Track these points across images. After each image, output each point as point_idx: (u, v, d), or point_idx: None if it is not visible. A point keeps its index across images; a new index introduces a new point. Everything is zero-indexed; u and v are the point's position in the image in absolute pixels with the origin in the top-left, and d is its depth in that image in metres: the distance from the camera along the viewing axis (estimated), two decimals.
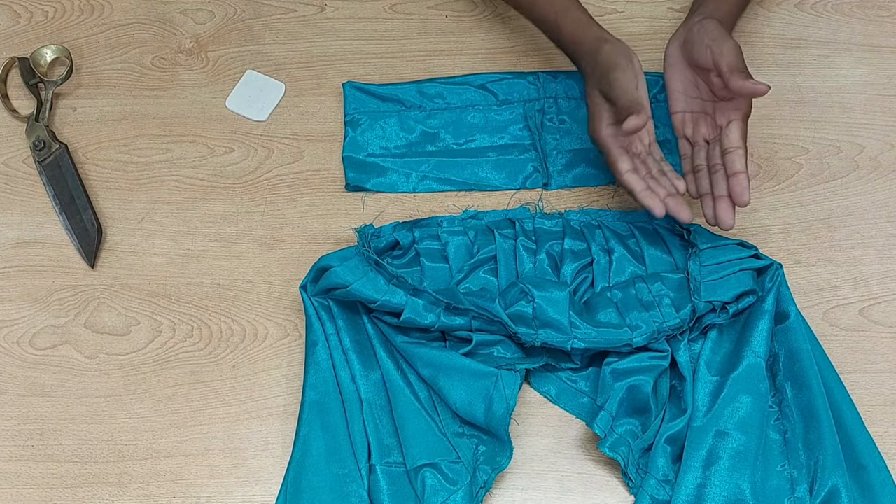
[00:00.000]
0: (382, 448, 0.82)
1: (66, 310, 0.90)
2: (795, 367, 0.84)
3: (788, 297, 0.87)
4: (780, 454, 0.82)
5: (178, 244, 0.93)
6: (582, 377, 0.87)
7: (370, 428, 0.82)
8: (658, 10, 1.05)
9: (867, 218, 0.95)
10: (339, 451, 0.82)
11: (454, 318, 0.84)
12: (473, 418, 0.82)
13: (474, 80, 1.00)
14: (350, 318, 0.86)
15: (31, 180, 0.96)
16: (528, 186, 0.96)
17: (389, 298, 0.84)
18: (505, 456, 0.82)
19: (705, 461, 0.80)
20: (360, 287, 0.84)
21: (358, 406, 0.83)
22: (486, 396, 0.81)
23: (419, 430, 0.82)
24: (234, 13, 1.05)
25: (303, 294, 0.87)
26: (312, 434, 0.82)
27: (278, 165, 0.97)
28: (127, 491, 0.83)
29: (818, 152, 0.98)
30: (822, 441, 0.81)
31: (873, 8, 1.05)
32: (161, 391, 0.87)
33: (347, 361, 0.85)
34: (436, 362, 0.83)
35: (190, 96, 1.00)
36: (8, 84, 1.00)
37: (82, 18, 1.04)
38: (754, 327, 0.84)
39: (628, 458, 0.81)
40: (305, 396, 0.84)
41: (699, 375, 0.84)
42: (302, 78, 1.01)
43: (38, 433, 0.85)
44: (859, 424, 0.83)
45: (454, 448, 0.81)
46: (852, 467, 0.81)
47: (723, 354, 0.85)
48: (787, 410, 0.83)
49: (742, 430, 0.81)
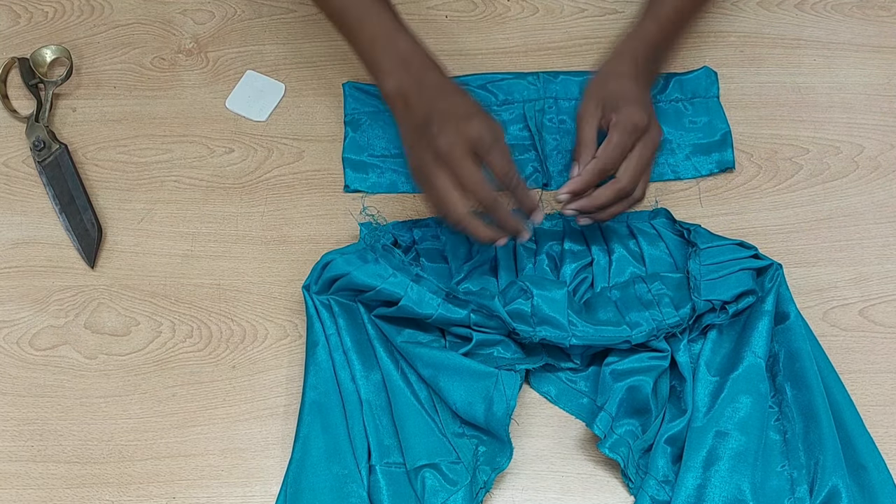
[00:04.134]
0: (382, 448, 0.82)
1: (66, 310, 0.90)
2: (795, 368, 0.84)
3: (788, 298, 0.87)
4: (780, 455, 0.82)
5: (178, 244, 0.93)
6: (582, 378, 0.87)
7: (370, 428, 0.82)
8: None
9: (867, 218, 0.95)
10: (339, 452, 0.82)
11: (453, 310, 0.84)
12: (473, 419, 0.82)
13: (474, 80, 1.00)
14: (351, 318, 0.86)
15: (31, 181, 0.96)
16: (528, 187, 0.96)
17: (389, 286, 0.83)
18: (505, 456, 0.82)
19: (705, 462, 0.80)
20: (360, 274, 0.84)
21: (358, 406, 0.83)
22: (487, 397, 0.81)
23: (419, 431, 0.82)
24: (234, 13, 1.05)
25: (305, 294, 0.87)
26: (312, 434, 0.82)
27: (278, 166, 0.97)
28: (127, 491, 0.83)
29: (818, 152, 0.98)
30: (823, 441, 0.80)
31: (873, 8, 1.05)
32: (161, 392, 0.87)
33: (348, 361, 0.85)
34: (436, 362, 0.83)
35: (190, 96, 1.00)
36: (8, 84, 1.00)
37: (82, 19, 1.04)
38: (754, 328, 0.84)
39: (628, 459, 0.81)
40: (305, 396, 0.84)
41: (699, 376, 0.84)
42: (302, 78, 1.01)
43: (37, 434, 0.85)
44: (859, 425, 0.83)
45: (454, 448, 0.81)
46: (852, 468, 0.81)
47: (723, 355, 0.85)
48: (787, 411, 0.83)
49: (742, 431, 0.81)
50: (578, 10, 1.05)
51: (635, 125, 0.83)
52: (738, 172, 0.97)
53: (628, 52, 0.89)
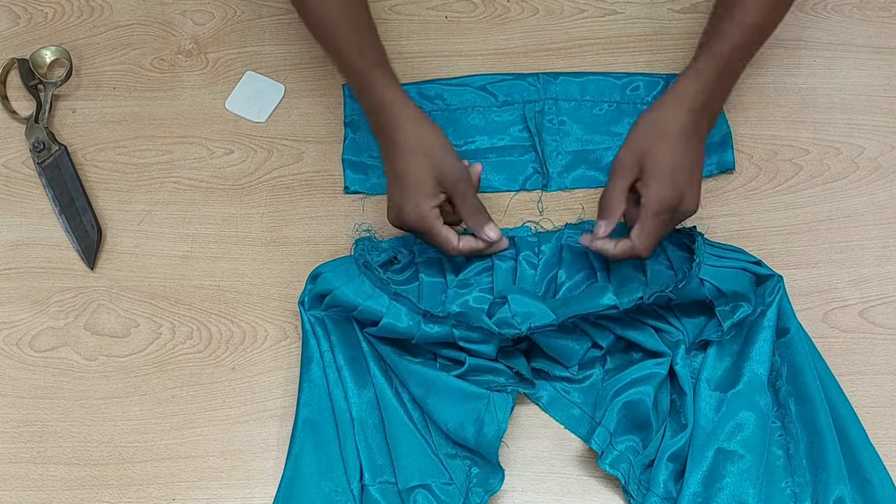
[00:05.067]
0: (375, 468, 0.81)
1: (66, 312, 0.90)
2: (798, 383, 0.83)
3: (790, 312, 0.86)
4: (783, 471, 0.81)
5: (178, 246, 0.93)
6: (577, 389, 0.86)
7: (362, 447, 0.82)
8: (659, 11, 1.05)
9: (867, 219, 0.95)
10: (330, 470, 0.81)
11: (434, 328, 0.82)
12: (464, 440, 0.81)
13: (474, 81, 1.00)
14: (345, 334, 0.86)
15: (30, 182, 0.96)
16: (527, 188, 0.96)
17: (371, 304, 0.83)
18: (497, 478, 0.81)
19: (708, 479, 0.79)
20: (344, 291, 0.83)
21: (350, 425, 0.82)
22: (477, 419, 0.80)
23: (412, 451, 0.81)
24: (234, 14, 1.05)
25: (301, 309, 0.86)
26: (304, 452, 0.82)
27: (278, 167, 0.97)
28: (126, 493, 0.83)
29: (818, 154, 0.98)
30: (826, 458, 0.80)
31: (874, 9, 1.05)
32: (160, 393, 0.87)
33: (341, 379, 0.84)
34: (427, 381, 0.82)
35: (189, 98, 1.00)
36: (7, 85, 1.00)
37: (82, 19, 1.04)
38: (755, 342, 0.84)
39: (629, 475, 0.80)
40: (299, 413, 0.83)
41: (700, 391, 0.83)
42: (301, 79, 1.01)
43: (37, 435, 0.85)
44: (864, 439, 0.82)
45: (447, 469, 0.81)
46: (857, 482, 0.80)
47: (723, 370, 0.84)
48: (790, 426, 0.82)
49: (744, 447, 0.80)
50: (578, 10, 1.05)
51: (667, 206, 0.82)
52: (738, 174, 0.96)
53: (683, 99, 0.83)
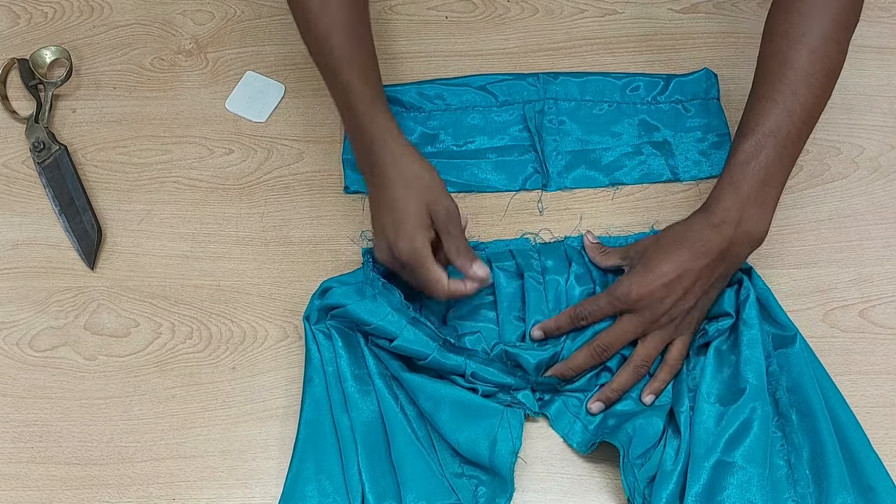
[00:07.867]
0: (378, 490, 0.80)
1: (66, 311, 0.90)
2: (799, 391, 0.82)
3: (776, 306, 0.86)
4: (785, 482, 0.80)
5: (178, 245, 0.93)
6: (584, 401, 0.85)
7: (365, 469, 0.80)
8: (659, 11, 1.05)
9: (867, 219, 0.95)
10: (332, 491, 0.80)
11: (448, 356, 0.82)
12: (476, 457, 0.80)
13: (474, 81, 1.00)
14: (350, 348, 0.84)
15: (30, 182, 0.96)
16: (527, 188, 0.96)
17: (385, 325, 0.82)
18: (505, 497, 0.80)
19: (710, 492, 0.78)
20: (357, 308, 0.82)
21: (353, 446, 0.81)
22: (490, 435, 0.79)
23: (417, 471, 0.79)
24: (234, 14, 1.05)
25: (305, 324, 0.85)
26: (304, 471, 0.81)
27: (278, 167, 0.97)
28: (126, 493, 0.83)
29: (818, 153, 0.98)
30: (828, 466, 0.79)
31: (874, 9, 1.05)
32: (160, 393, 0.87)
33: (345, 395, 0.82)
34: (437, 395, 0.81)
35: (189, 97, 1.00)
36: (7, 85, 1.00)
37: (82, 19, 1.04)
38: (748, 351, 0.83)
39: (634, 488, 0.79)
40: (300, 433, 0.82)
41: (699, 404, 0.82)
42: (302, 79, 1.01)
43: (37, 435, 0.85)
44: (866, 445, 0.81)
45: (453, 489, 0.79)
46: (861, 489, 0.80)
47: (721, 381, 0.84)
48: (792, 437, 0.81)
49: (745, 459, 0.79)
50: (578, 10, 1.05)
51: (666, 339, 0.84)
52: None
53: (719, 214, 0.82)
